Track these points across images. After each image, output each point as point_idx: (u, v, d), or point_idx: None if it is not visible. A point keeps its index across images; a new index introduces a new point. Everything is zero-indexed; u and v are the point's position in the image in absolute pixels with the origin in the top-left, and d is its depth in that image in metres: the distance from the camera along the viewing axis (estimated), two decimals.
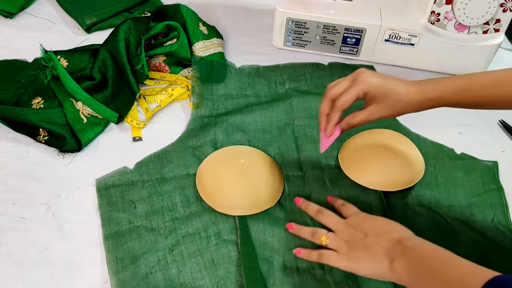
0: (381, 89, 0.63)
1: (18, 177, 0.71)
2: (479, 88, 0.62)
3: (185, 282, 0.62)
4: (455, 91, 0.63)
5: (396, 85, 0.63)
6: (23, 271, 0.62)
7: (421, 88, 0.63)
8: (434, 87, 0.63)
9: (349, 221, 0.62)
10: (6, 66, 0.84)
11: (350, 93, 0.63)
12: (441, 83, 0.63)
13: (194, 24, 0.89)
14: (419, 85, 0.64)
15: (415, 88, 0.63)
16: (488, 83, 0.62)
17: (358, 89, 0.63)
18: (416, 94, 0.63)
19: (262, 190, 0.69)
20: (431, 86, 0.63)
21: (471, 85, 0.63)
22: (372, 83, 0.63)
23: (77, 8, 0.97)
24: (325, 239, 0.61)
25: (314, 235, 0.62)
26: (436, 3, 0.83)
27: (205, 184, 0.70)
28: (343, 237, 0.60)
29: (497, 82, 0.62)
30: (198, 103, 0.81)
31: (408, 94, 0.63)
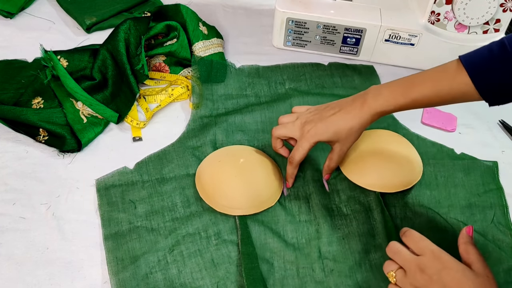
0: (330, 137, 0.67)
1: (18, 177, 0.71)
2: (418, 94, 0.63)
3: (185, 282, 0.62)
4: (396, 102, 0.64)
5: (338, 123, 0.66)
6: (23, 271, 0.62)
7: (362, 111, 0.65)
8: (376, 104, 0.65)
9: (423, 262, 0.53)
10: (6, 66, 0.84)
11: (304, 149, 0.67)
12: (382, 98, 0.65)
13: (194, 24, 0.89)
14: (360, 108, 0.65)
15: (354, 114, 0.65)
16: (425, 86, 0.63)
17: (310, 144, 0.67)
18: (359, 119, 0.65)
19: (261, 190, 0.69)
20: (372, 103, 0.65)
21: (409, 90, 0.64)
22: (320, 135, 0.66)
23: (77, 8, 0.97)
24: (392, 277, 0.54)
25: (385, 268, 0.56)
26: (436, 3, 0.83)
27: (204, 184, 0.70)
28: (413, 283, 0.52)
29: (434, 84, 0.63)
30: (198, 103, 0.81)
31: (352, 125, 0.66)
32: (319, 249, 0.66)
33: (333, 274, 0.64)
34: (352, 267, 0.65)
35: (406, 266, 0.53)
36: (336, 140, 0.67)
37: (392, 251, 0.55)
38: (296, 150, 0.68)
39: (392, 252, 0.55)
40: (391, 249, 0.56)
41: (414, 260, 0.53)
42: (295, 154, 0.68)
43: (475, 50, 0.61)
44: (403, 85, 0.64)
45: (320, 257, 0.65)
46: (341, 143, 0.67)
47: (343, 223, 0.69)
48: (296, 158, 0.68)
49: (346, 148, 0.68)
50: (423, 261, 0.52)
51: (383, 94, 0.65)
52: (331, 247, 0.66)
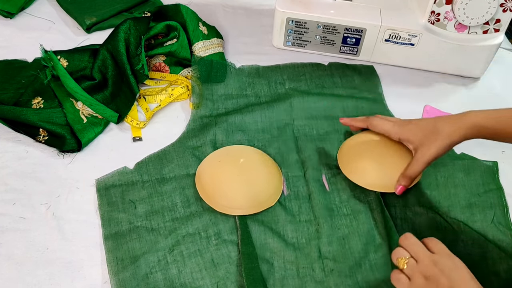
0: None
1: (18, 177, 0.71)
2: None
3: (185, 282, 0.62)
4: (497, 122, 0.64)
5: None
6: (23, 271, 0.62)
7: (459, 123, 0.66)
8: (476, 117, 0.65)
9: (437, 258, 0.54)
10: (6, 66, 0.84)
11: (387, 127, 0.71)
12: (484, 113, 0.65)
13: (194, 24, 0.89)
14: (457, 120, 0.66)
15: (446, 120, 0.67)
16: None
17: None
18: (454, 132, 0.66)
19: (261, 190, 0.69)
20: (473, 115, 0.66)
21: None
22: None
23: (77, 8, 0.97)
24: (403, 263, 0.55)
25: (395, 254, 0.56)
26: (436, 3, 0.83)
27: (204, 184, 0.70)
28: (424, 271, 0.53)
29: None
30: (198, 103, 0.81)
31: (443, 127, 0.66)
32: (319, 249, 0.66)
33: (333, 274, 0.64)
34: (352, 267, 0.65)
35: (420, 257, 0.54)
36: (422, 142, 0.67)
37: (409, 241, 0.56)
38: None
39: (408, 242, 0.56)
40: (408, 239, 0.56)
41: (428, 254, 0.54)
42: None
43: None
44: (509, 114, 0.64)
45: (320, 257, 0.65)
46: (425, 149, 0.67)
47: (343, 223, 0.69)
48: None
49: (432, 153, 0.66)
50: (437, 258, 0.54)
51: (483, 113, 0.65)
52: (331, 247, 0.66)
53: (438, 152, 0.66)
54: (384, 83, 0.90)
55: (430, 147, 0.66)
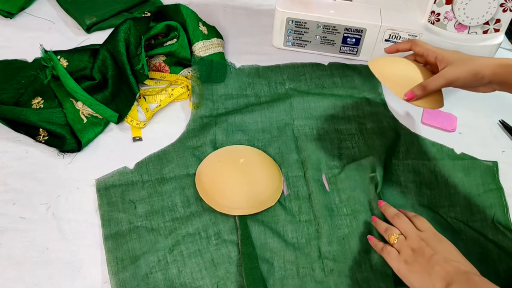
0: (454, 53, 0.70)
1: (18, 177, 0.71)
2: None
3: (185, 282, 0.62)
4: None
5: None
6: (23, 271, 0.62)
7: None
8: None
9: (423, 234, 0.61)
10: (6, 66, 0.84)
11: (429, 46, 0.72)
12: None
13: (194, 24, 0.89)
14: None
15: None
16: None
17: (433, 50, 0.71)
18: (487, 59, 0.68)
19: (261, 190, 0.69)
20: None
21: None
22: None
23: (77, 8, 0.97)
24: (394, 238, 0.62)
25: (387, 231, 0.64)
26: (436, 3, 0.83)
27: (204, 184, 0.70)
28: (411, 244, 0.60)
29: None
30: (198, 103, 0.81)
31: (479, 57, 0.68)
32: (319, 249, 0.66)
33: (333, 274, 0.64)
34: (352, 267, 0.65)
35: (408, 234, 0.62)
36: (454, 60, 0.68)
37: (400, 220, 0.64)
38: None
39: (399, 221, 0.64)
40: (400, 219, 0.65)
41: (416, 231, 0.62)
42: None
43: None
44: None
45: (320, 257, 0.66)
46: (453, 67, 0.68)
47: (343, 223, 0.69)
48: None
49: (458, 72, 0.67)
50: (424, 235, 0.61)
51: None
52: (331, 247, 0.66)
53: (463, 75, 0.66)
54: None
55: (459, 67, 0.67)
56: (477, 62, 0.67)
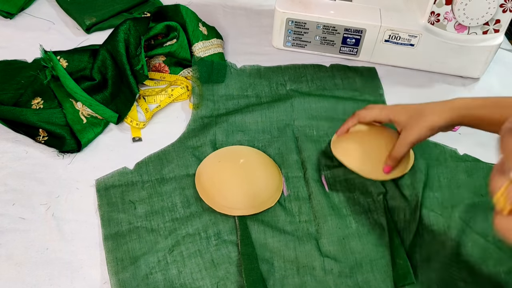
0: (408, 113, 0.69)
1: (18, 177, 0.71)
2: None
3: (185, 282, 0.62)
4: (478, 105, 0.64)
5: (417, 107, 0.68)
6: (23, 271, 0.62)
7: (444, 108, 0.66)
8: (460, 102, 0.65)
9: None
10: (6, 67, 0.84)
11: (375, 113, 0.71)
12: (468, 100, 0.65)
13: (193, 24, 0.89)
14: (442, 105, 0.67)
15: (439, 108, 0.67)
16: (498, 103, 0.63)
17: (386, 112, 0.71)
18: (439, 107, 0.66)
19: (261, 190, 0.69)
20: (456, 101, 0.66)
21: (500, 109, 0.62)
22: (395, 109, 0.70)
23: (77, 8, 0.97)
24: (500, 194, 0.38)
25: (495, 176, 0.41)
26: (436, 3, 0.83)
27: (204, 184, 0.70)
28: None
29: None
30: (198, 104, 0.81)
31: (432, 110, 0.66)
32: (319, 250, 0.66)
33: (333, 274, 0.64)
34: (352, 267, 0.65)
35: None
36: (407, 122, 0.68)
37: None
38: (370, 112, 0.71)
39: None
40: None
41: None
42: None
43: None
44: (494, 102, 0.64)
45: (320, 257, 0.65)
46: (408, 129, 0.67)
47: (343, 224, 0.69)
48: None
49: (414, 136, 0.67)
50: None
51: (469, 98, 0.65)
52: (331, 247, 0.66)
53: (420, 134, 0.66)
54: (383, 83, 0.90)
55: (414, 128, 0.66)
56: (428, 118, 0.66)
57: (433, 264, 0.65)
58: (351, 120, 0.74)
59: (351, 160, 0.72)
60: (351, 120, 0.74)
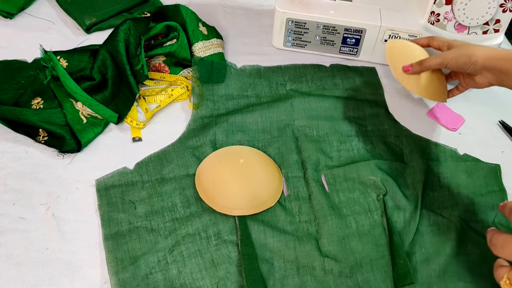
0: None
1: (18, 177, 0.71)
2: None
3: (185, 282, 0.62)
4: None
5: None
6: (23, 271, 0.62)
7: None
8: None
9: None
10: (6, 67, 0.84)
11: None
12: None
13: (193, 24, 0.89)
14: None
15: None
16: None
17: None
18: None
19: (261, 190, 0.69)
20: None
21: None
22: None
23: (77, 8, 0.97)
24: (504, 283, 0.47)
25: (497, 269, 0.50)
26: (436, 3, 0.83)
27: (204, 184, 0.70)
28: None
29: None
30: (198, 104, 0.81)
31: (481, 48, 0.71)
32: (319, 250, 0.66)
33: (333, 274, 0.64)
34: (352, 267, 0.65)
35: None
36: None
37: None
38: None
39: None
40: None
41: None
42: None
43: None
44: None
45: (320, 257, 0.65)
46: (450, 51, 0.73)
47: (343, 224, 0.69)
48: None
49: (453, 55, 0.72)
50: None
51: (506, 51, 0.70)
52: (331, 247, 0.66)
53: (458, 55, 0.72)
54: (383, 83, 0.90)
55: (456, 49, 0.73)
56: (473, 47, 0.72)
57: (433, 264, 0.65)
58: (423, 40, 0.81)
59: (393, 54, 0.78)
60: (423, 40, 0.81)
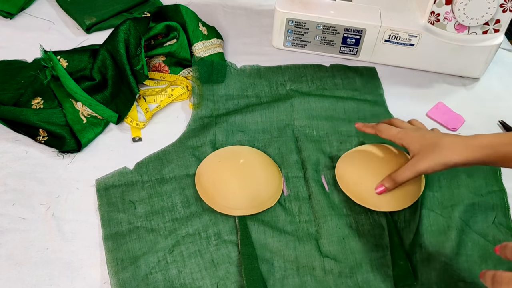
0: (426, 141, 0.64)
1: (18, 177, 0.71)
2: None
3: (185, 282, 0.62)
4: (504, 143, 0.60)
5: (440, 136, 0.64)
6: (23, 271, 0.62)
7: (468, 149, 0.61)
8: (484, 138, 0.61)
9: None
10: (6, 67, 0.84)
11: (392, 133, 0.67)
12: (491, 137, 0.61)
13: (194, 24, 0.89)
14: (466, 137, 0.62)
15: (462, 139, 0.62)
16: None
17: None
18: (462, 143, 0.62)
19: (261, 190, 0.69)
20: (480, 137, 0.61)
21: None
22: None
23: (76, 8, 0.97)
24: None
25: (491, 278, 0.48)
26: (436, 3, 0.83)
27: (204, 184, 0.70)
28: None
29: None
30: (198, 104, 0.81)
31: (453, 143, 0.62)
32: (319, 249, 0.66)
33: (333, 274, 0.64)
34: (352, 267, 0.65)
35: None
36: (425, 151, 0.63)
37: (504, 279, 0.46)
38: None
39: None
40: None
41: None
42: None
43: None
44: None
45: (320, 257, 0.65)
46: (420, 158, 0.63)
47: (343, 223, 0.69)
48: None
49: (425, 166, 0.63)
50: None
51: (492, 135, 0.61)
52: (331, 247, 0.66)
53: (431, 166, 0.62)
54: (383, 83, 0.90)
55: (427, 158, 0.62)
56: (445, 153, 0.61)
57: (433, 264, 0.65)
58: (370, 129, 0.72)
59: (344, 184, 0.71)
60: (370, 129, 0.72)
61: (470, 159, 0.60)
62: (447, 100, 0.88)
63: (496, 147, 0.59)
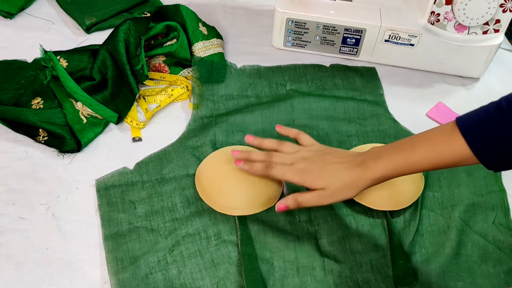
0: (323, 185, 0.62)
1: (18, 177, 0.71)
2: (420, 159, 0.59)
3: (185, 282, 0.62)
4: (396, 167, 0.60)
5: (338, 175, 0.62)
6: (23, 271, 0.62)
7: (363, 177, 0.61)
8: (375, 170, 0.60)
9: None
10: (6, 67, 0.84)
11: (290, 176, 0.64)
12: (381, 163, 0.60)
13: (194, 24, 0.89)
14: (361, 172, 0.61)
15: (355, 175, 0.61)
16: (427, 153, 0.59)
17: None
18: (357, 184, 0.61)
19: (261, 190, 0.69)
20: (372, 169, 0.61)
21: (409, 154, 0.60)
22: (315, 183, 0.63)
23: (76, 8, 0.97)
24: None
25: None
26: (436, 3, 0.83)
27: (204, 184, 0.70)
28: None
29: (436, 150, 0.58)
30: (198, 104, 0.81)
31: (350, 184, 0.61)
32: (319, 249, 0.66)
33: (333, 274, 0.64)
34: (352, 267, 0.65)
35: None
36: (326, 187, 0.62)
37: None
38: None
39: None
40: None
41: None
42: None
43: (472, 112, 0.57)
44: (403, 148, 0.60)
45: (320, 257, 0.65)
46: (328, 194, 0.62)
47: (343, 223, 0.69)
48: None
49: (329, 200, 0.62)
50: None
51: (383, 158, 0.60)
52: (331, 247, 0.66)
53: (334, 202, 0.62)
54: (383, 83, 0.90)
55: (333, 196, 0.62)
56: (343, 194, 0.62)
57: (433, 264, 0.65)
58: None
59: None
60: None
61: (369, 186, 0.62)
62: (447, 100, 0.88)
63: (390, 172, 0.60)
